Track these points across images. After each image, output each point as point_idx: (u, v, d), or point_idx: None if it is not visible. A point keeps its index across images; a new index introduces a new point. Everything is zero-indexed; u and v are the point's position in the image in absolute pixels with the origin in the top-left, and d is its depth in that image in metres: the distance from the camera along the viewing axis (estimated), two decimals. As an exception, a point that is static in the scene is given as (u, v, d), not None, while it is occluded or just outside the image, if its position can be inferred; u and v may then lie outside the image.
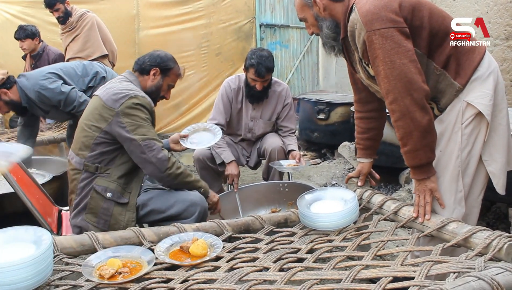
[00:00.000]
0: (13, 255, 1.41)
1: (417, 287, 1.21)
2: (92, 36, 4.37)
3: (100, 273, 1.46)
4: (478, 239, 1.44)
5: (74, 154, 2.13)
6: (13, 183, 2.03)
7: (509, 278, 1.19)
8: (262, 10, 6.52)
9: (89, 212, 2.06)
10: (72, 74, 3.24)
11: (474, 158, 1.72)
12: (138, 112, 2.05)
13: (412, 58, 1.60)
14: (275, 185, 2.88)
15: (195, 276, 1.47)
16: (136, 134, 2.02)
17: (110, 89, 2.10)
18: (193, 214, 2.09)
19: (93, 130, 2.07)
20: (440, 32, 1.69)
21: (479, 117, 1.70)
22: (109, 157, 2.08)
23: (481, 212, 3.12)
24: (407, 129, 1.64)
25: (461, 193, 1.73)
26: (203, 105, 5.85)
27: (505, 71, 3.68)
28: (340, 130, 4.66)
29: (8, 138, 4.01)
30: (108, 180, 2.06)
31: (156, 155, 2.04)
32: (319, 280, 1.36)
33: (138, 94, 2.08)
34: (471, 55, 1.72)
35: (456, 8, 4.22)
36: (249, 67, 2.96)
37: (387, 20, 1.59)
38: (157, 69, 2.24)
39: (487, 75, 1.71)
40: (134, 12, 5.44)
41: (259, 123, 3.20)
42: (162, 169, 2.05)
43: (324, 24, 1.79)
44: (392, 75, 1.60)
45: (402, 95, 1.60)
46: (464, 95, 1.71)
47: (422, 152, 1.66)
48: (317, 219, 1.84)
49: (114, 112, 2.03)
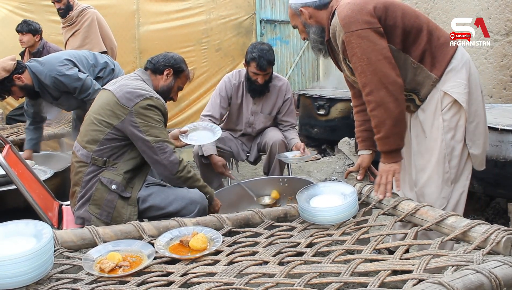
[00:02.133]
0: (14, 249, 1.41)
1: (416, 280, 1.22)
2: (91, 32, 4.36)
3: (100, 267, 1.46)
4: (476, 233, 1.45)
5: (81, 147, 2.13)
6: (14, 178, 2.03)
7: (507, 271, 1.20)
8: (263, 5, 6.51)
9: (92, 203, 2.07)
10: (84, 62, 3.24)
11: (458, 143, 1.89)
12: (152, 114, 2.07)
13: (386, 55, 1.77)
14: (275, 180, 2.88)
15: (195, 269, 1.48)
16: (149, 135, 2.04)
17: (124, 86, 2.10)
18: (192, 212, 2.10)
19: (104, 125, 2.07)
20: (414, 30, 1.86)
21: (457, 104, 1.87)
22: (118, 152, 2.10)
23: (480, 207, 3.16)
24: (381, 118, 1.81)
25: (448, 174, 1.90)
26: (203, 101, 5.84)
27: (505, 66, 3.68)
28: (340, 125, 4.67)
29: (8, 134, 4.01)
30: (114, 173, 2.08)
31: (168, 158, 2.06)
32: (318, 273, 1.37)
33: (153, 96, 2.10)
34: (445, 49, 1.89)
35: (456, 4, 4.21)
36: (250, 61, 2.97)
37: (362, 22, 1.77)
38: (171, 70, 2.27)
39: (461, 67, 1.88)
40: (134, 8, 5.43)
41: (259, 118, 3.21)
42: (173, 171, 2.09)
43: (311, 30, 1.98)
44: (369, 70, 1.78)
45: (377, 87, 1.78)
46: (440, 85, 1.88)
47: (392, 139, 1.83)
48: (316, 213, 1.85)
49: (127, 111, 2.04)
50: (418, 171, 2.00)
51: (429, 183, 1.94)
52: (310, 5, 1.94)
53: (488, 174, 2.05)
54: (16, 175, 2.06)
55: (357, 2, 1.82)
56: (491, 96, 3.88)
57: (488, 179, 2.69)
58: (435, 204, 1.88)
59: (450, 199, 1.94)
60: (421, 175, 1.98)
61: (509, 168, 2.64)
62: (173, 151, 2.10)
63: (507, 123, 2.73)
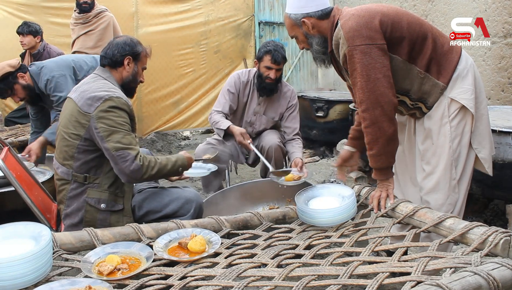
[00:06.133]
0: (13, 251, 1.42)
1: (414, 282, 1.22)
2: (105, 36, 4.39)
3: (99, 270, 1.46)
4: (474, 235, 1.45)
5: (59, 164, 2.06)
6: (12, 180, 2.03)
7: (505, 273, 1.20)
8: (261, 7, 6.52)
9: (86, 225, 1.99)
10: (83, 67, 3.25)
11: (464, 148, 1.92)
12: (114, 116, 1.94)
13: (386, 74, 1.78)
14: (273, 182, 2.87)
15: (194, 272, 1.47)
16: (109, 141, 1.91)
17: (84, 92, 1.99)
18: (189, 211, 2.09)
19: (73, 138, 1.98)
20: (419, 39, 1.86)
21: (463, 110, 1.89)
22: (95, 165, 2.01)
23: (478, 209, 3.16)
24: (374, 135, 1.84)
25: (455, 180, 1.92)
26: (202, 103, 5.85)
27: (503, 68, 3.69)
28: (339, 127, 4.67)
29: (7, 136, 4.01)
30: (99, 191, 2.01)
31: (129, 167, 1.91)
32: (316, 276, 1.37)
33: (113, 96, 1.96)
34: (449, 56, 1.90)
35: (455, 6, 4.23)
36: (264, 54, 3.00)
37: (367, 37, 1.77)
38: (130, 57, 2.13)
39: (466, 72, 1.89)
40: (133, 10, 5.43)
41: (261, 119, 3.22)
42: (137, 178, 1.96)
43: (314, 40, 1.96)
44: (367, 88, 1.79)
45: (373, 106, 1.80)
46: (448, 92, 1.89)
47: (384, 157, 1.87)
48: (315, 215, 1.85)
49: (89, 117, 1.94)
50: (424, 176, 1.99)
51: (436, 189, 1.94)
52: (313, 15, 1.91)
53: (486, 176, 2.06)
54: (14, 177, 2.05)
55: (362, 14, 1.80)
56: (489, 98, 3.89)
57: (486, 181, 2.70)
58: (441, 210, 1.87)
59: (456, 205, 1.94)
60: (427, 181, 1.97)
61: (507, 170, 2.64)
62: (135, 157, 1.92)
63: (505, 125, 2.74)
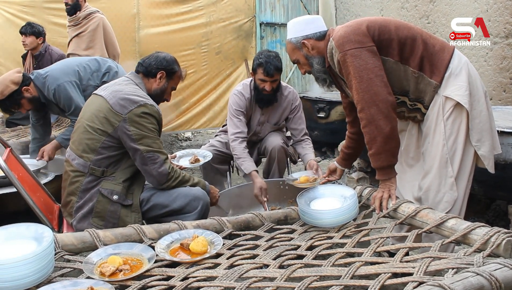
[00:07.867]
0: (15, 252, 1.42)
1: (416, 282, 1.22)
2: (95, 38, 4.36)
3: (101, 271, 1.46)
4: (476, 235, 1.45)
5: (76, 156, 2.10)
6: (14, 181, 2.03)
7: (507, 273, 1.20)
8: (262, 8, 6.52)
9: (95, 216, 2.05)
10: (87, 70, 3.23)
11: (460, 145, 1.93)
12: (146, 122, 2.04)
13: (378, 73, 1.84)
14: (275, 183, 2.88)
15: (196, 273, 1.48)
16: (141, 144, 2.02)
17: (117, 92, 2.07)
18: (195, 208, 2.10)
19: (99, 133, 2.05)
20: (408, 40, 1.93)
21: (458, 108, 1.91)
22: (115, 160, 2.08)
23: (481, 209, 3.15)
24: (371, 134, 1.87)
25: (452, 178, 1.93)
26: (203, 104, 5.84)
27: (504, 69, 3.69)
28: (340, 128, 4.62)
29: (9, 137, 4.01)
30: (113, 183, 2.06)
31: (158, 169, 2.05)
32: (318, 276, 1.37)
33: (147, 103, 2.06)
34: (441, 55, 1.94)
35: (456, 6, 4.22)
36: (257, 67, 2.92)
37: (355, 41, 1.86)
38: (164, 72, 2.23)
39: (459, 70, 1.93)
40: (135, 11, 5.43)
41: (266, 127, 3.17)
42: (161, 182, 2.08)
43: (314, 61, 2.06)
44: (361, 88, 1.85)
45: (368, 105, 1.84)
46: (442, 91, 1.93)
47: (384, 156, 1.87)
48: (317, 216, 1.85)
49: (121, 118, 2.02)
50: (423, 176, 2.02)
51: (432, 187, 1.96)
52: (312, 37, 2.02)
53: (488, 176, 2.05)
54: (16, 178, 2.06)
55: (349, 24, 1.93)
56: (491, 98, 3.88)
57: (488, 181, 2.69)
58: (438, 208, 1.88)
59: (455, 204, 1.94)
60: (425, 180, 2.00)
61: (509, 170, 2.63)
62: (164, 161, 2.06)
63: (507, 126, 2.73)
